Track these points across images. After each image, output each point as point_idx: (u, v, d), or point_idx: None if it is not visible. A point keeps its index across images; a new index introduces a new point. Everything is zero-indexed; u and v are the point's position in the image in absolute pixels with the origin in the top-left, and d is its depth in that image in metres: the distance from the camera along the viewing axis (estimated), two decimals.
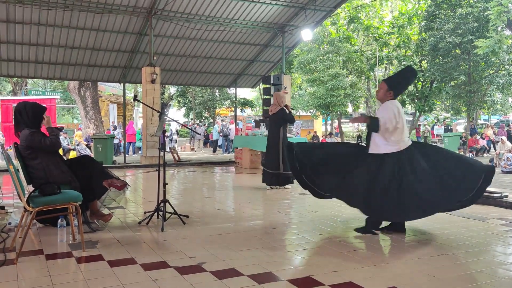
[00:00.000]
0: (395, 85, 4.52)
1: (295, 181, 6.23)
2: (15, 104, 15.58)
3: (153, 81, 12.15)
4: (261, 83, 15.83)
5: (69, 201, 3.95)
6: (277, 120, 7.54)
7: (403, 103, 22.18)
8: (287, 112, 7.62)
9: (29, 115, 4.40)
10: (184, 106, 31.60)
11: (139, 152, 16.68)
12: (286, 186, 7.75)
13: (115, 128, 17.18)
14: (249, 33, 13.85)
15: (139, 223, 4.93)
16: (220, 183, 9.22)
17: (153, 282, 3.10)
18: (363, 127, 27.80)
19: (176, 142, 19.78)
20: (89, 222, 4.61)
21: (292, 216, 5.52)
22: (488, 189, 4.84)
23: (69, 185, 4.29)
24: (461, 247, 4.05)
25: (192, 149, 20.18)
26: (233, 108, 23.25)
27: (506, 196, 6.29)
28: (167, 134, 19.02)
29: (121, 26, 12.31)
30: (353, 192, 4.43)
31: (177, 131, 20.70)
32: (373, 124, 4.42)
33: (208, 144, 22.76)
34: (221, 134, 18.89)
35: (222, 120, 20.81)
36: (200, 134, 21.08)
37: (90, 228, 4.50)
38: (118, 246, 4.02)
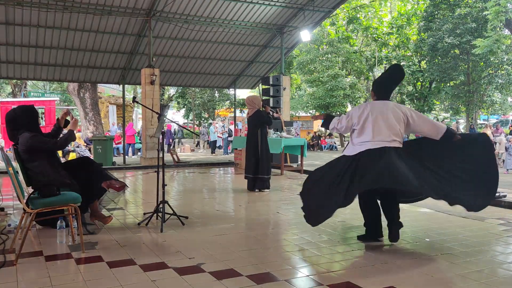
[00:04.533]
0: (376, 86, 4.36)
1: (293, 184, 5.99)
2: (15, 106, 15.53)
3: (152, 82, 12.16)
4: (261, 84, 15.85)
5: (68, 202, 3.96)
6: (254, 122, 7.43)
7: (402, 103, 22.16)
8: (266, 113, 7.50)
9: (26, 119, 4.36)
10: (183, 107, 31.61)
11: (139, 153, 16.69)
12: (264, 190, 7.50)
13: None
14: (248, 34, 13.86)
15: (139, 224, 4.95)
16: (220, 184, 9.23)
17: (152, 282, 3.11)
18: None
19: (179, 142, 19.76)
20: (86, 224, 4.61)
21: (291, 216, 5.52)
22: None
23: (69, 187, 4.29)
24: (460, 246, 4.07)
25: (192, 150, 20.20)
26: (232, 109, 23.28)
27: (505, 196, 6.31)
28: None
29: (120, 27, 12.32)
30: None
31: (180, 131, 20.61)
32: (325, 121, 4.38)
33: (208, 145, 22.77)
34: (220, 136, 18.83)
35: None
36: (198, 135, 21.08)
37: (87, 230, 4.50)
38: (118, 247, 4.03)
